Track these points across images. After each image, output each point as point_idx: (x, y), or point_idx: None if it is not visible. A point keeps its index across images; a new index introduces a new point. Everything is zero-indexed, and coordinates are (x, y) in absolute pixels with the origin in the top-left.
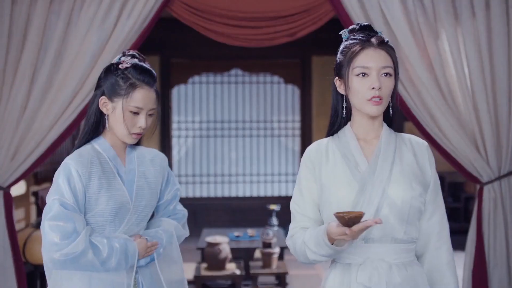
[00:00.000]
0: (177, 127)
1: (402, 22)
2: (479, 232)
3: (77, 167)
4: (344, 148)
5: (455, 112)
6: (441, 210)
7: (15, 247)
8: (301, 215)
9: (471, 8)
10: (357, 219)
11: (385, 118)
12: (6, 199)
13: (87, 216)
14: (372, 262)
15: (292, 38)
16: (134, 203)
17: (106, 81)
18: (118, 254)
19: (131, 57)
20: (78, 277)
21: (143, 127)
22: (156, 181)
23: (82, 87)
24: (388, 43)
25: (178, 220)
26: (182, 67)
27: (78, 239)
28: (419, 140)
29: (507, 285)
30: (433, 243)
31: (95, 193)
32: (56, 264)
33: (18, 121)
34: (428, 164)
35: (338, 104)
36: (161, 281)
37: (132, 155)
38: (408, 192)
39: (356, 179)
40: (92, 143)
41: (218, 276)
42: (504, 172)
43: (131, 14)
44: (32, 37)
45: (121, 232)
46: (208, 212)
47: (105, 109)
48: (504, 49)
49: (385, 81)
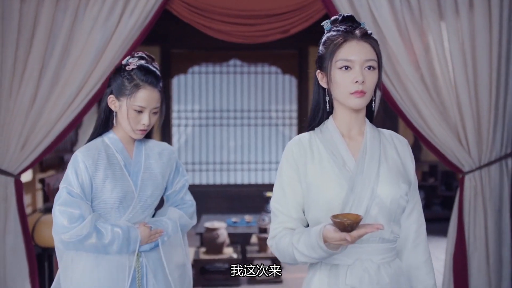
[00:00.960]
0: (177, 116)
1: (389, 20)
2: (460, 218)
3: (84, 159)
4: (329, 144)
5: (439, 105)
6: (419, 208)
7: (25, 230)
8: (284, 215)
9: (455, 6)
10: (357, 224)
11: (367, 113)
12: (17, 186)
13: (94, 203)
14: (361, 263)
15: (285, 35)
16: (139, 192)
17: (114, 81)
18: (121, 240)
19: (138, 58)
20: (86, 258)
21: (147, 124)
22: (162, 173)
23: (87, 81)
24: (372, 35)
25: (186, 209)
26: (182, 57)
27: (84, 223)
28: (399, 137)
29: (485, 269)
30: (411, 241)
31: (101, 183)
32: (64, 245)
33: (27, 114)
34: (410, 161)
35: (320, 97)
36: (164, 266)
37: (140, 148)
38: (396, 191)
39: (345, 179)
40: (103, 136)
41: (216, 260)
42: (485, 162)
43: (133, 12)
44: (39, 34)
45: (126, 219)
46: (207, 199)
47: (113, 106)
48: (486, 46)
49: (369, 75)
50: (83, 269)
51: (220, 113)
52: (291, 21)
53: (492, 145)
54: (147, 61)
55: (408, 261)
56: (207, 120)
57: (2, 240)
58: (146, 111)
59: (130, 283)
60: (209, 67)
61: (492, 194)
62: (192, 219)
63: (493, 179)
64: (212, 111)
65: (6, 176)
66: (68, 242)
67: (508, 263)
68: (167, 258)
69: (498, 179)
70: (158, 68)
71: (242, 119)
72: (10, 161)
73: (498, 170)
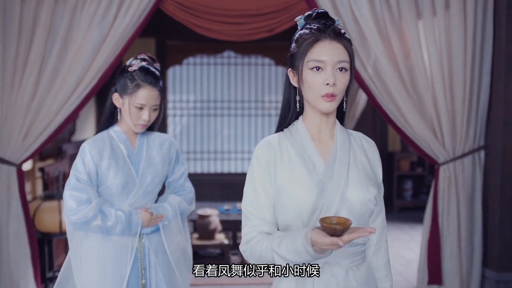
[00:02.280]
0: (173, 106)
1: (369, 19)
2: (435, 207)
3: (90, 150)
4: (299, 147)
5: (416, 101)
6: (383, 212)
7: (27, 217)
8: (257, 218)
9: (432, 7)
10: (347, 229)
11: (338, 113)
12: (19, 174)
13: (100, 189)
14: (330, 267)
15: (271, 33)
16: (140, 179)
17: (118, 81)
18: (123, 223)
19: (140, 60)
20: (94, 239)
21: (147, 120)
22: (162, 162)
23: (85, 76)
24: (345, 35)
25: (185, 195)
26: (177, 49)
27: (90, 206)
28: (368, 139)
29: (457, 254)
30: (374, 244)
31: (105, 171)
32: (73, 225)
33: (28, 107)
34: (378, 164)
35: (290, 96)
36: (164, 248)
37: (143, 139)
38: (365, 195)
39: (315, 183)
40: (109, 130)
41: (208, 245)
42: (458, 154)
43: (128, 11)
44: (39, 33)
45: (129, 204)
46: (202, 187)
47: (117, 103)
48: (461, 45)
49: (340, 76)
50: (90, 248)
51: (214, 103)
52: (277, 20)
53: (465, 139)
54: (149, 63)
55: (369, 263)
56: (202, 110)
57: (6, 226)
58: (146, 108)
59: (133, 262)
60: (204, 58)
61: (465, 184)
62: (191, 205)
63: (466, 170)
64: (206, 102)
65: (8, 166)
66: (76, 223)
67: (479, 248)
68: (167, 240)
69: (471, 170)
70: (158, 69)
71: (236, 109)
72: (13, 151)
73: (471, 162)
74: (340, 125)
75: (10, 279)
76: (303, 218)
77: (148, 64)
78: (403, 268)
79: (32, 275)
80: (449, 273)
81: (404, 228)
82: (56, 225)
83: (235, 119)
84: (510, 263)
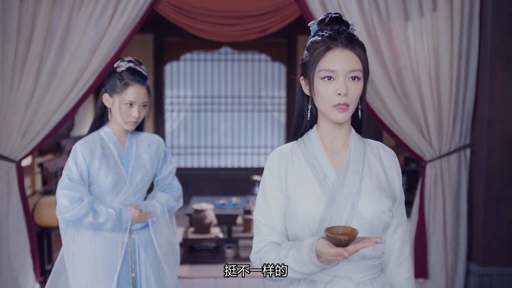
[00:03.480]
0: (170, 101)
1: (358, 20)
2: (421, 203)
3: (82, 150)
4: (311, 156)
5: (404, 100)
6: (404, 224)
7: (26, 211)
8: (268, 228)
9: (420, 8)
10: (353, 239)
11: (354, 122)
12: (19, 171)
13: (91, 187)
14: (339, 281)
15: (263, 34)
16: (130, 178)
17: (108, 82)
18: (114, 219)
19: (127, 62)
20: (86, 235)
21: (136, 117)
22: (151, 161)
23: (82, 76)
24: (358, 41)
25: (173, 193)
26: (175, 45)
27: (82, 204)
28: (387, 149)
29: (443, 249)
30: (394, 259)
31: (96, 170)
32: (66, 222)
33: (27, 105)
34: (396, 176)
35: (304, 105)
36: (153, 243)
37: (132, 140)
38: (378, 207)
39: (325, 192)
40: (99, 130)
41: (204, 239)
42: (444, 152)
43: (123, 13)
44: (38, 32)
45: (119, 201)
46: (198, 181)
47: (107, 103)
48: (448, 46)
49: (352, 86)
50: (82, 244)
51: (211, 99)
52: (269, 21)
53: (451, 137)
54: (135, 64)
55: (390, 279)
56: (199, 105)
57: (6, 220)
58: (135, 105)
59: (123, 256)
60: (201, 54)
61: (451, 182)
62: (178, 202)
63: (452, 168)
64: (203, 97)
65: (8, 162)
66: (69, 220)
67: (464, 244)
68: (156, 235)
69: (457, 167)
70: (145, 70)
71: (233, 105)
72: (12, 148)
73: (457, 160)
74: (356, 134)
75: (10, 272)
76: (311, 228)
77: (134, 65)
78: None
79: (31, 267)
80: (435, 267)
81: None
82: (54, 219)
83: (232, 115)
84: (493, 258)
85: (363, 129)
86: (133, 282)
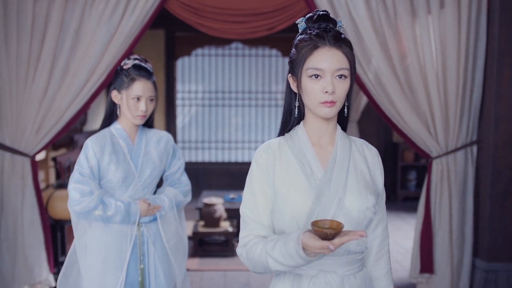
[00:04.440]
0: (181, 96)
1: (365, 18)
2: (427, 199)
3: (93, 146)
4: (298, 152)
5: (410, 97)
6: (384, 221)
7: (40, 204)
8: (255, 222)
9: (427, 6)
10: (339, 233)
11: (340, 119)
12: (33, 165)
13: (102, 182)
14: (325, 275)
15: (271, 32)
16: (139, 173)
17: (115, 80)
18: (122, 213)
19: (133, 59)
20: (96, 227)
21: (144, 110)
22: (160, 157)
23: (94, 72)
24: (345, 39)
25: (181, 188)
26: (186, 40)
27: (92, 197)
28: (370, 147)
29: (448, 244)
30: (374, 254)
31: (106, 165)
32: (77, 215)
33: (40, 102)
34: (379, 173)
35: (291, 102)
36: (161, 235)
37: (142, 136)
38: (363, 203)
39: (312, 188)
40: (110, 127)
41: (213, 233)
42: (451, 148)
43: (134, 11)
44: (51, 31)
45: (129, 195)
46: (209, 175)
47: (116, 100)
48: (455, 43)
49: (339, 84)
50: (93, 236)
51: (222, 93)
52: (277, 19)
53: (458, 134)
54: (140, 61)
55: (370, 272)
56: (210, 100)
57: (20, 213)
58: (142, 99)
59: (132, 248)
60: (212, 49)
61: (457, 178)
62: (186, 197)
63: (459, 164)
64: (214, 92)
65: (23, 157)
66: (79, 213)
67: (470, 240)
68: (164, 229)
69: (463, 164)
70: (150, 66)
71: (243, 100)
72: (26, 143)
73: (463, 156)
74: (341, 131)
75: (25, 263)
76: (298, 223)
77: (140, 61)
78: (401, 257)
79: (45, 259)
80: (441, 263)
81: (406, 218)
82: (67, 213)
83: (243, 109)
84: (499, 253)
85: (372, 120)
86: (142, 273)
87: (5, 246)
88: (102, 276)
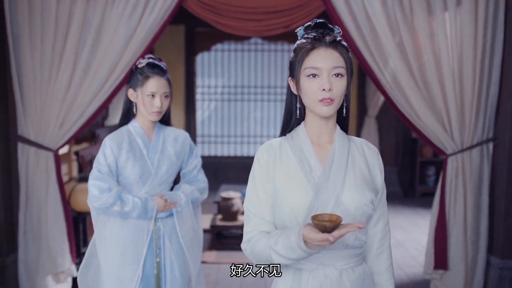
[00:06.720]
0: (201, 91)
1: (381, 15)
2: (442, 196)
3: (110, 144)
4: (298, 151)
5: (425, 94)
6: (385, 217)
7: (63, 197)
8: (258, 218)
9: (444, 3)
10: (337, 226)
11: (339, 119)
12: (56, 159)
13: (119, 178)
14: (324, 268)
15: (288, 29)
16: (155, 170)
17: (131, 78)
18: (140, 208)
19: (147, 58)
20: (114, 222)
21: (159, 107)
22: (177, 154)
23: (115, 69)
24: (341, 42)
25: (198, 185)
26: (206, 35)
27: (110, 194)
28: (370, 145)
29: (463, 241)
30: (375, 249)
31: (124, 162)
32: (96, 210)
33: (63, 98)
34: (379, 171)
35: (292, 104)
36: (177, 231)
37: (159, 134)
38: (361, 199)
39: (311, 185)
40: (128, 125)
41: (231, 226)
42: (466, 146)
43: (153, 9)
44: (73, 29)
45: (145, 191)
46: (228, 169)
47: (132, 98)
48: (472, 40)
49: (336, 82)
50: (111, 230)
51: (241, 88)
52: (293, 17)
53: (474, 131)
54: (154, 59)
55: (372, 267)
56: (229, 95)
57: (44, 205)
58: (157, 95)
59: (149, 242)
60: (231, 44)
61: (472, 175)
62: (202, 194)
63: (474, 161)
64: (234, 87)
65: (46, 151)
66: (98, 208)
67: (484, 237)
68: (180, 224)
69: (479, 161)
70: (165, 65)
71: (262, 95)
72: (50, 138)
73: (479, 153)
74: (340, 130)
75: (48, 253)
76: (298, 219)
77: (154, 60)
78: (417, 253)
79: (68, 250)
80: (455, 259)
81: (424, 214)
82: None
83: (262, 104)
84: None
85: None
86: (158, 267)
87: (30, 237)
88: (120, 269)
